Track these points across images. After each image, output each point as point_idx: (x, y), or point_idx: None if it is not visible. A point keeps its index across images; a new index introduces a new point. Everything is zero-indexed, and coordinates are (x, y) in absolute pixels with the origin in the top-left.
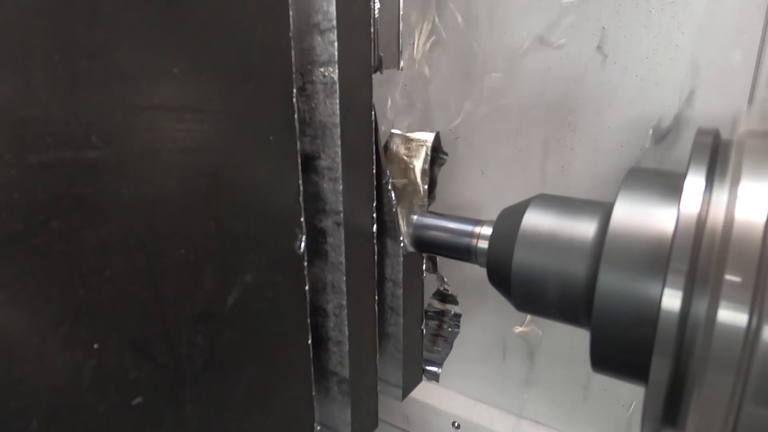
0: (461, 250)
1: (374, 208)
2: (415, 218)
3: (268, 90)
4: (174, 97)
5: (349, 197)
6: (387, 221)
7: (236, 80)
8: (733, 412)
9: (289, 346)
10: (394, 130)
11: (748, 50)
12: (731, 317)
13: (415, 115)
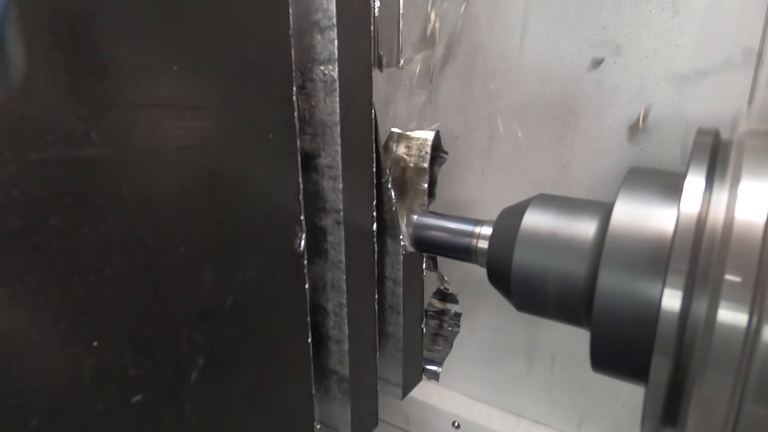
0: (461, 250)
1: (374, 207)
2: (415, 218)
3: (268, 88)
4: (174, 95)
5: (349, 196)
6: (387, 220)
7: (236, 78)
8: (733, 412)
9: (289, 345)
10: (394, 128)
11: (748, 50)
12: (731, 317)
13: (415, 114)
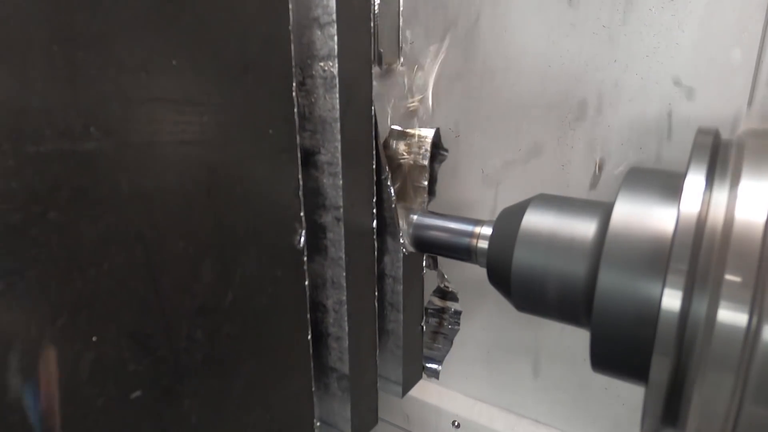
0: (461, 250)
1: (374, 204)
2: (415, 218)
3: (268, 84)
4: (173, 90)
5: (349, 192)
6: (387, 217)
7: (236, 74)
8: (733, 412)
9: (288, 342)
10: (394, 126)
11: (749, 48)
12: (731, 317)
13: (414, 113)
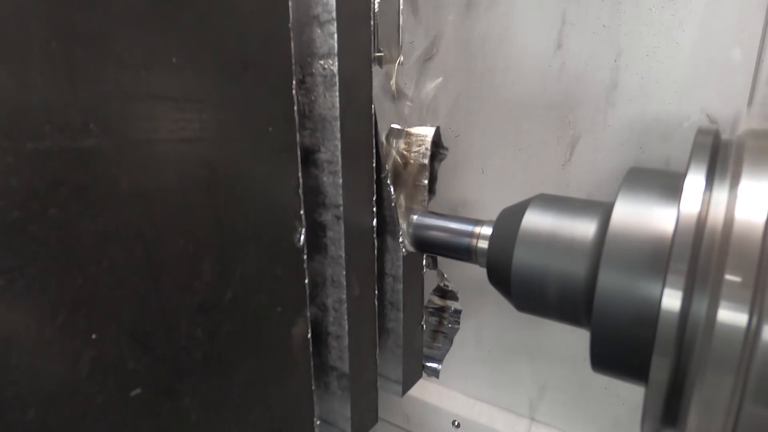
0: (461, 250)
1: (374, 202)
2: (415, 218)
3: (268, 81)
4: (172, 87)
5: (349, 191)
6: (386, 216)
7: (235, 71)
8: (733, 412)
9: (288, 340)
10: (394, 124)
11: (749, 48)
12: (731, 317)
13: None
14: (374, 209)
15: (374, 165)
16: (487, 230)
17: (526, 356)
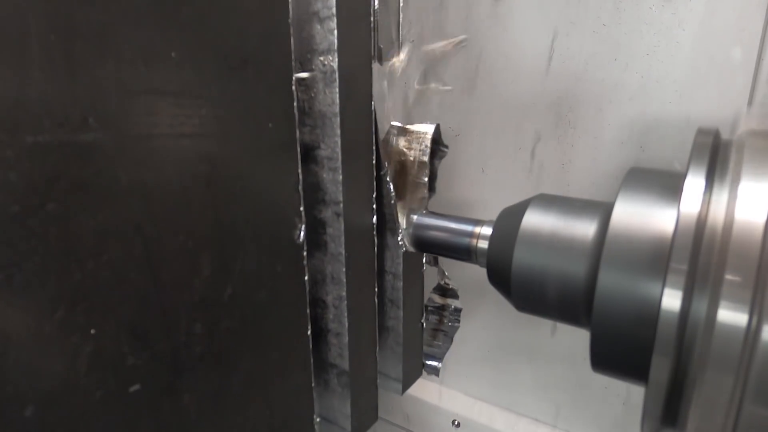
0: (461, 250)
1: (374, 199)
2: (415, 218)
3: (268, 78)
4: (172, 82)
5: (349, 187)
6: (386, 213)
7: (235, 67)
8: (733, 412)
9: (288, 337)
10: (393, 122)
11: (749, 47)
12: (731, 317)
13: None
14: (374, 206)
15: (374, 162)
16: (487, 230)
17: (526, 355)
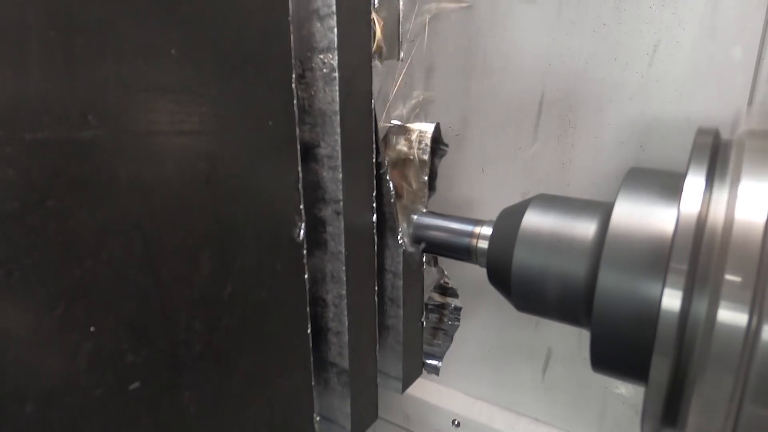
0: (461, 250)
1: (374, 198)
2: (415, 218)
3: (267, 75)
4: (171, 79)
5: (349, 186)
6: (386, 212)
7: (235, 64)
8: (733, 412)
9: (288, 335)
10: (394, 120)
11: (749, 46)
12: (731, 317)
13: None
14: (374, 205)
15: (374, 160)
16: (487, 230)
17: (526, 355)
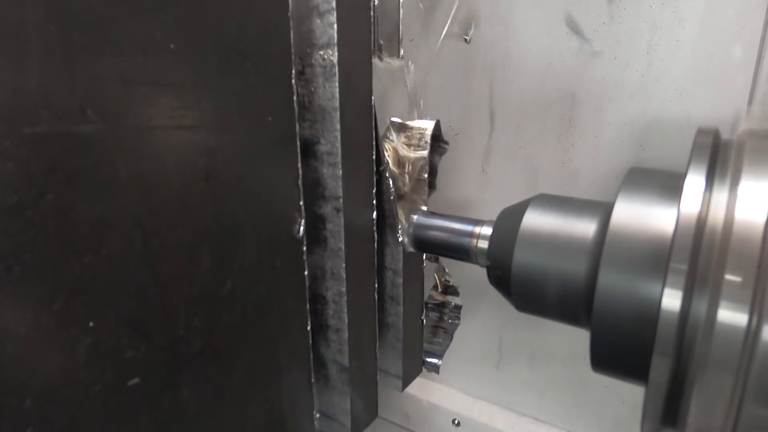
0: (461, 250)
1: (374, 195)
2: (415, 218)
3: (267, 71)
4: (171, 74)
5: (349, 183)
6: (386, 209)
7: (234, 60)
8: (733, 412)
9: (288, 332)
10: (393, 118)
11: (749, 45)
12: (731, 317)
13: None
14: (374, 202)
15: (374, 158)
16: (487, 230)
17: (526, 355)
